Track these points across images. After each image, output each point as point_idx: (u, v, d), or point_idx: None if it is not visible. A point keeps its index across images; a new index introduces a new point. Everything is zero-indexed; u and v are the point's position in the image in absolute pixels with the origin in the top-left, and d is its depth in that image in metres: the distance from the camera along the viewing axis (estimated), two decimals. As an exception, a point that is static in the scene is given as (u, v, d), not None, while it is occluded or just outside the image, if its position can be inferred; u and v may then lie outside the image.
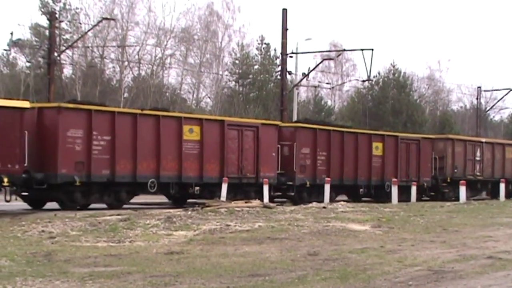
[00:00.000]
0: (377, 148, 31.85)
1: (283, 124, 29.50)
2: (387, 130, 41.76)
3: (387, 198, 29.63)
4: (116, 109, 24.37)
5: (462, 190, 29.30)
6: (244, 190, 26.72)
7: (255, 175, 26.90)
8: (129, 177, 23.10)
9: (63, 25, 48.44)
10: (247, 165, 26.70)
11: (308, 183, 28.44)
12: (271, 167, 27.40)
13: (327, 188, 27.12)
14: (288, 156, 28.06)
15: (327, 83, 58.24)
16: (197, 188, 25.06)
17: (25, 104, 20.79)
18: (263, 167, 27.05)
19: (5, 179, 19.60)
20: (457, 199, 30.14)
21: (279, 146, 27.82)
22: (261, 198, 25.20)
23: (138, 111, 24.24)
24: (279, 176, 27.72)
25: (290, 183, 27.92)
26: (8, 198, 20.24)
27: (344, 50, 48.72)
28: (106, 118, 22.51)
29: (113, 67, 55.29)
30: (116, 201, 23.16)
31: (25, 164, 20.27)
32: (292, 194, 28.21)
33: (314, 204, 22.93)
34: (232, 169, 26.19)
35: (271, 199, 26.56)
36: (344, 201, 27.20)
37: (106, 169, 22.38)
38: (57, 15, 43.27)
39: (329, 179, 27.71)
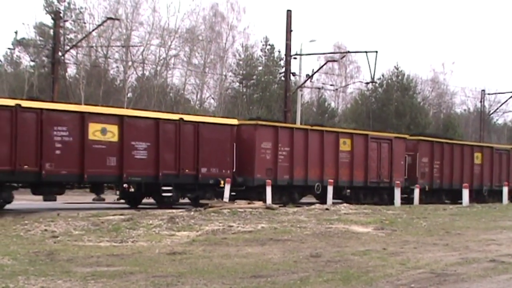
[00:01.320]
0: (477, 157, 36.64)
1: (408, 138, 33.64)
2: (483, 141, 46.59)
3: (484, 201, 33.97)
4: (294, 126, 30.06)
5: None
6: (379, 193, 31.06)
7: (389, 180, 31.31)
8: (302, 181, 27.80)
9: (67, 24, 48.49)
10: (383, 172, 31.24)
11: (427, 187, 32.85)
12: (400, 173, 31.88)
13: (329, 190, 27.31)
14: (411, 164, 32.78)
15: (331, 85, 58.17)
16: (348, 190, 29.46)
17: (234, 121, 26.31)
18: (395, 173, 31.54)
19: (222, 182, 24.68)
20: None
21: (406, 155, 32.38)
22: (391, 201, 29.39)
23: (309, 127, 29.13)
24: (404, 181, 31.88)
25: (412, 187, 31.92)
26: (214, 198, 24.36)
27: (348, 52, 48.63)
28: (287, 132, 27.38)
29: (117, 67, 55.40)
30: (291, 201, 27.02)
31: (234, 170, 25.25)
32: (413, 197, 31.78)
33: (317, 205, 23.01)
34: (372, 175, 30.73)
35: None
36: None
37: (286, 174, 27.16)
38: (61, 15, 43.37)
39: (332, 181, 27.92)
